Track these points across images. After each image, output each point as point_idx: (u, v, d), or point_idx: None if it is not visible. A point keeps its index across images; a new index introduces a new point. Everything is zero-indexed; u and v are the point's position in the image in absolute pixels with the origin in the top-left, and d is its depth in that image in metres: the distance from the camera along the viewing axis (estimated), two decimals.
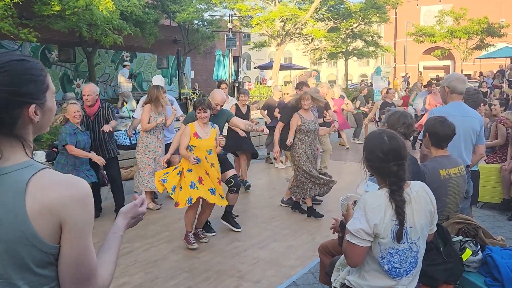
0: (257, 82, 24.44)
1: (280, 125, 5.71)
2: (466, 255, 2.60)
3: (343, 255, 2.31)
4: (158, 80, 6.40)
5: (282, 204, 6.01)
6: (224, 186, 4.73)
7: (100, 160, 5.05)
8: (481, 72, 25.26)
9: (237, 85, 17.84)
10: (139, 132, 5.99)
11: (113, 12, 11.33)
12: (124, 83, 14.98)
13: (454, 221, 2.91)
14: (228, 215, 5.04)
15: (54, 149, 6.55)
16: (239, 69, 26.79)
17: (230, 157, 6.57)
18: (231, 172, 4.88)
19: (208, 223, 4.95)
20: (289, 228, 5.15)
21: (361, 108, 12.14)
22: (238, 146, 6.64)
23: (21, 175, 1.07)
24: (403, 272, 2.05)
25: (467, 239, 2.73)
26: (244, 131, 5.85)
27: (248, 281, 3.78)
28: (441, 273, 2.39)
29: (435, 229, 2.24)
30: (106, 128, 5.17)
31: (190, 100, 14.32)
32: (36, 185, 1.06)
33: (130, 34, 13.64)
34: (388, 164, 2.02)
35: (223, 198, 4.57)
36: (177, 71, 19.53)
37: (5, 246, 1.05)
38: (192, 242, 4.52)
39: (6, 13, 9.24)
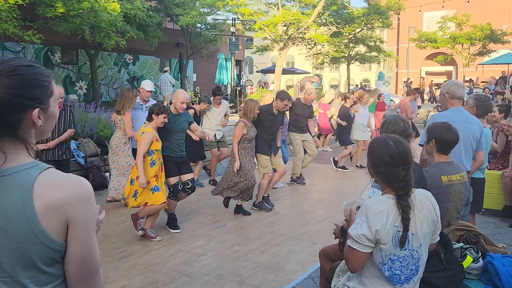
0: (259, 86, 24.44)
1: None
2: (467, 262, 2.59)
3: (343, 261, 2.30)
4: (149, 85, 6.49)
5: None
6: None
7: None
8: (477, 78, 25.24)
9: (239, 88, 17.85)
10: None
11: (117, 14, 11.38)
12: (169, 86, 15.68)
13: (455, 227, 2.91)
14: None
15: None
16: (242, 73, 26.85)
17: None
18: (189, 176, 5.17)
19: (175, 221, 5.16)
20: (290, 232, 5.14)
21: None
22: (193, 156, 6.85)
23: (28, 175, 1.10)
24: (404, 279, 2.04)
25: (468, 246, 2.72)
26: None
27: (248, 286, 3.77)
28: (441, 280, 2.38)
29: (438, 238, 2.22)
30: (46, 146, 5.23)
31: (192, 103, 14.41)
32: (42, 184, 1.10)
33: (133, 37, 13.69)
34: (396, 169, 2.00)
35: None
36: (179, 74, 19.59)
37: (14, 244, 1.08)
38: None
39: (10, 15, 9.28)
